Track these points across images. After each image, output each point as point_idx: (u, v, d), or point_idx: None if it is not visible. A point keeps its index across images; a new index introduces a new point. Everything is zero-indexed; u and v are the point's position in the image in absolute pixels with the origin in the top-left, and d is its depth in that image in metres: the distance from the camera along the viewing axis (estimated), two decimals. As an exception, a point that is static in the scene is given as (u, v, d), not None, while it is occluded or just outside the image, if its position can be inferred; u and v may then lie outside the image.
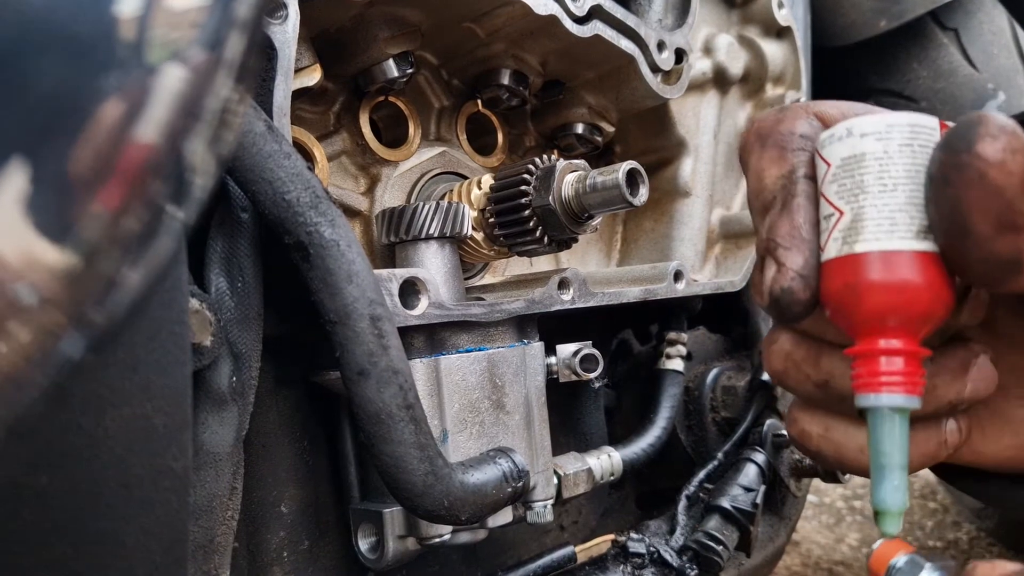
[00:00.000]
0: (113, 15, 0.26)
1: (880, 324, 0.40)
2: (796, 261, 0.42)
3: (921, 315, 0.39)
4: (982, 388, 0.46)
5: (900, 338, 0.39)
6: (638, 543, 0.93)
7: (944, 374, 0.46)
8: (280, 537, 0.75)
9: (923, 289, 0.39)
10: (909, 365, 0.40)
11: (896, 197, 0.39)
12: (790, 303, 0.42)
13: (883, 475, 0.40)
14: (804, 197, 0.42)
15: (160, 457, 0.46)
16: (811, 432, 0.49)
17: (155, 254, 0.30)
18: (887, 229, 0.39)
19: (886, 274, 0.39)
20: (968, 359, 0.46)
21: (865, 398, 0.40)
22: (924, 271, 0.39)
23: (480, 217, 0.84)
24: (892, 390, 0.39)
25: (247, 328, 0.63)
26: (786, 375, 0.48)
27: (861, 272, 0.39)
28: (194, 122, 0.30)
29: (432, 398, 0.73)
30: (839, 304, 0.41)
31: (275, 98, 0.65)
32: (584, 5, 0.88)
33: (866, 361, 0.40)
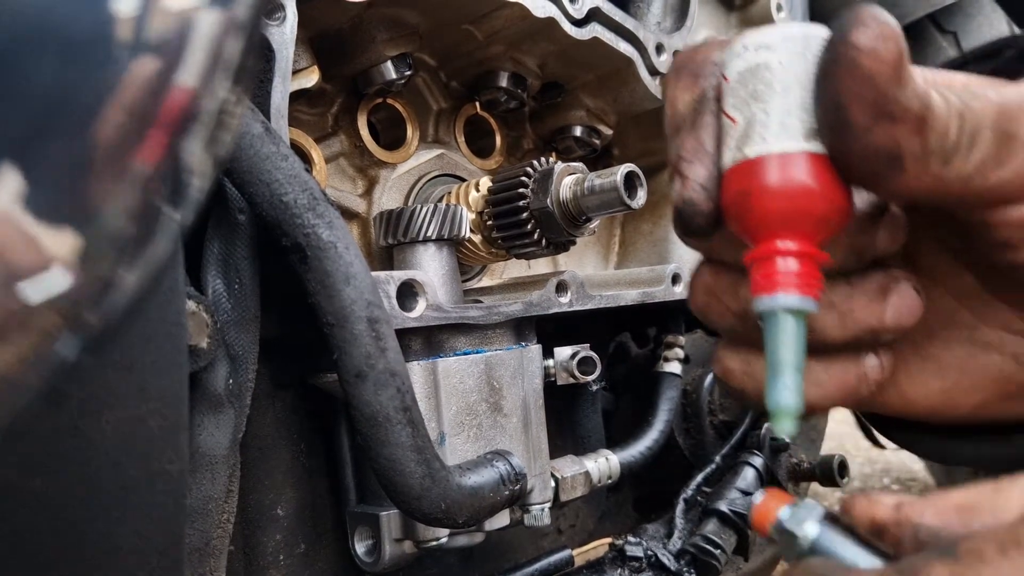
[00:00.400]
0: (111, 14, 0.26)
1: (773, 227, 0.39)
2: (699, 173, 0.42)
3: (812, 215, 0.39)
4: (904, 315, 0.45)
5: (795, 240, 0.39)
6: (636, 547, 0.93)
7: (861, 297, 0.44)
8: (276, 540, 0.75)
9: (812, 189, 0.38)
10: (804, 266, 0.39)
11: (787, 101, 0.39)
12: (692, 214, 0.42)
13: (776, 375, 0.39)
14: (711, 115, 0.42)
15: (156, 459, 0.46)
16: (733, 369, 0.48)
17: (152, 256, 0.30)
18: (775, 132, 0.39)
19: (773, 175, 0.39)
20: (887, 283, 0.45)
21: (760, 301, 0.40)
22: (813, 171, 0.39)
23: (478, 219, 0.83)
24: (787, 290, 0.39)
25: (244, 330, 0.63)
26: (708, 309, 0.48)
27: (750, 176, 0.39)
28: (192, 123, 0.29)
29: (430, 400, 0.72)
30: (734, 212, 0.41)
31: (273, 99, 0.65)
32: (583, 7, 0.88)
33: (761, 265, 0.40)
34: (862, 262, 0.45)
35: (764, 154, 0.39)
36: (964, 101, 0.37)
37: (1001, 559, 0.28)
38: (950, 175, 0.38)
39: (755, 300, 0.40)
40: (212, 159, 0.31)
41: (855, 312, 0.44)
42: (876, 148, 0.37)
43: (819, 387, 0.46)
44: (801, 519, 0.38)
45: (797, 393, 0.39)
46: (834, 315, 0.44)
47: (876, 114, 0.36)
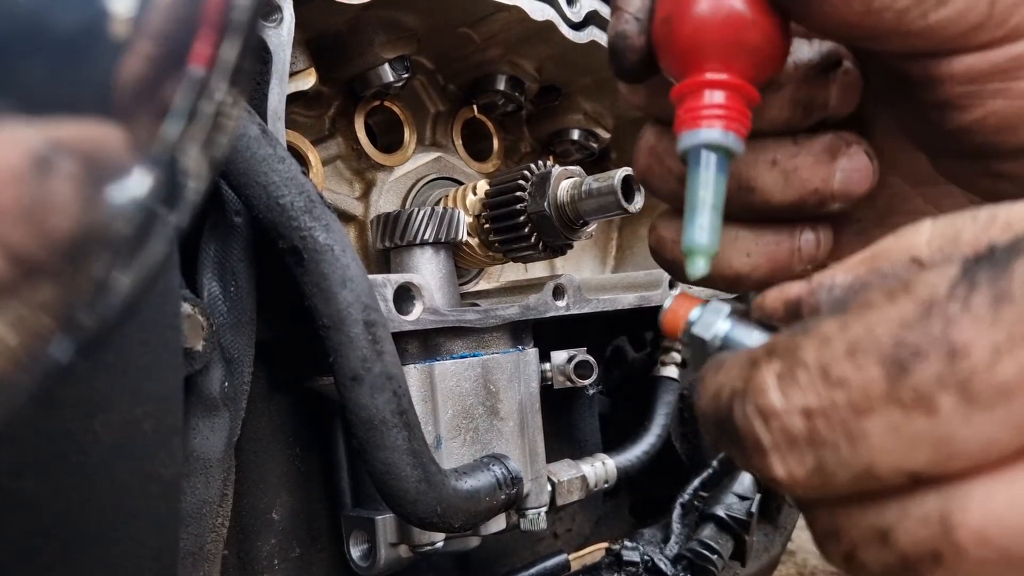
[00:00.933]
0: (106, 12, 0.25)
1: (697, 57, 0.36)
2: (634, 3, 0.39)
3: (739, 43, 0.36)
4: (854, 180, 0.42)
5: (722, 71, 0.36)
6: (632, 551, 0.93)
7: (807, 156, 0.41)
8: (271, 544, 0.75)
9: (737, 12, 0.35)
10: (730, 100, 0.36)
11: None
12: (625, 48, 0.39)
13: (693, 215, 0.37)
14: None
15: (149, 463, 0.45)
16: (666, 237, 0.45)
17: (147, 258, 0.30)
18: None
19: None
20: (837, 145, 0.42)
21: (682, 137, 0.37)
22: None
23: (475, 223, 0.83)
24: (710, 124, 0.36)
25: (240, 333, 0.63)
26: (650, 172, 0.44)
27: (674, 1, 0.37)
28: (188, 125, 0.29)
29: (426, 404, 0.72)
30: (659, 43, 0.38)
31: (270, 102, 0.65)
32: (580, 11, 0.88)
33: (686, 99, 0.37)
34: (810, 119, 0.42)
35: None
36: None
37: (889, 304, 0.27)
38: (883, 7, 0.34)
39: (678, 138, 0.37)
40: (208, 161, 0.31)
41: (800, 171, 0.42)
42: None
43: (748, 257, 0.44)
44: (710, 319, 0.36)
45: (712, 232, 0.37)
46: (777, 174, 0.42)
47: None
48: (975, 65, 0.36)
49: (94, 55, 0.25)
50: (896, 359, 0.26)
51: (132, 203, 0.26)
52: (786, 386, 0.29)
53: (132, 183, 0.26)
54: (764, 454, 0.29)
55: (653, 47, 0.39)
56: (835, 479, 0.28)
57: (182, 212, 0.31)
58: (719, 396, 0.31)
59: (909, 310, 0.27)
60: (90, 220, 0.25)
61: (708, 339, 0.36)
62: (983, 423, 0.25)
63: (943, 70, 0.37)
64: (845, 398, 0.27)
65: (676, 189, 0.43)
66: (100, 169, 0.25)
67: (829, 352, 0.28)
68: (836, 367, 0.28)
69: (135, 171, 0.26)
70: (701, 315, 0.37)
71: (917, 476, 0.27)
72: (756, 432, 0.29)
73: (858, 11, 0.35)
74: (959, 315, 0.26)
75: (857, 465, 0.27)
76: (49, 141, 0.24)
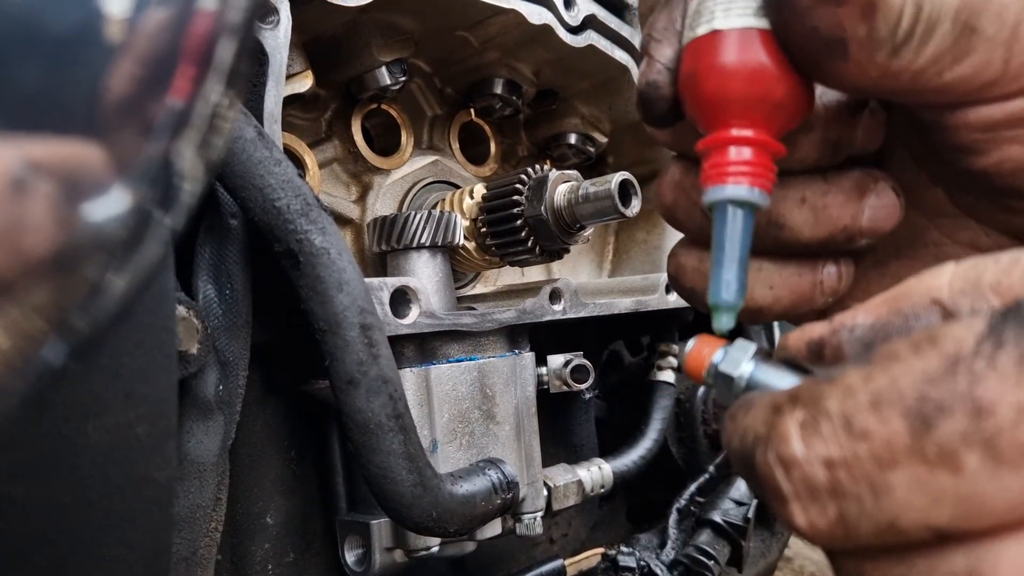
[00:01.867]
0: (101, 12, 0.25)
1: (721, 112, 0.36)
2: (665, 54, 0.39)
3: (762, 99, 0.36)
4: (882, 217, 0.42)
5: (748, 127, 0.36)
6: (628, 557, 0.93)
7: (837, 194, 0.42)
8: (265, 549, 0.74)
9: (760, 69, 0.35)
10: (756, 156, 0.36)
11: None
12: (655, 98, 0.39)
13: (720, 269, 0.37)
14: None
15: (143, 467, 0.45)
16: (686, 265, 0.46)
17: (141, 260, 0.30)
18: (724, 8, 0.36)
19: (716, 54, 0.36)
20: (866, 183, 0.42)
21: (708, 192, 0.37)
22: (760, 50, 0.35)
23: (472, 227, 0.83)
24: (736, 180, 0.36)
25: (235, 336, 0.63)
26: (676, 207, 0.45)
27: (697, 56, 0.37)
28: (184, 127, 0.29)
29: (422, 408, 0.72)
30: (685, 97, 0.38)
31: (266, 104, 0.64)
32: (578, 15, 0.88)
33: (711, 153, 0.37)
34: (838, 158, 0.42)
35: (710, 31, 0.36)
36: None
37: (914, 357, 0.27)
38: (900, 67, 0.35)
39: (704, 192, 0.38)
40: (204, 163, 0.31)
41: (829, 210, 0.42)
42: (818, 31, 0.34)
43: (771, 289, 0.44)
44: (735, 360, 0.36)
45: (739, 288, 0.38)
46: (807, 211, 0.42)
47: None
48: (991, 115, 0.36)
49: (72, 73, 0.24)
50: (920, 413, 0.26)
51: (110, 221, 0.26)
52: (808, 435, 0.28)
53: (110, 202, 0.26)
54: (785, 502, 0.29)
55: (679, 97, 0.39)
56: (858, 531, 0.28)
57: (177, 214, 0.31)
58: (744, 440, 0.31)
59: (934, 364, 0.27)
60: (66, 240, 0.25)
61: (734, 379, 0.36)
62: (1010, 482, 0.25)
63: (959, 119, 0.37)
64: (868, 450, 0.27)
65: (702, 224, 0.44)
66: (77, 188, 0.25)
67: (853, 403, 0.28)
68: (859, 419, 0.27)
69: (114, 189, 0.26)
70: (726, 355, 0.37)
71: (942, 532, 0.26)
72: (777, 480, 0.29)
73: (875, 75, 0.35)
74: (985, 372, 0.26)
75: (881, 519, 0.27)
76: (25, 161, 0.23)
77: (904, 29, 0.34)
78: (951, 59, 0.34)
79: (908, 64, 0.34)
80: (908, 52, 0.34)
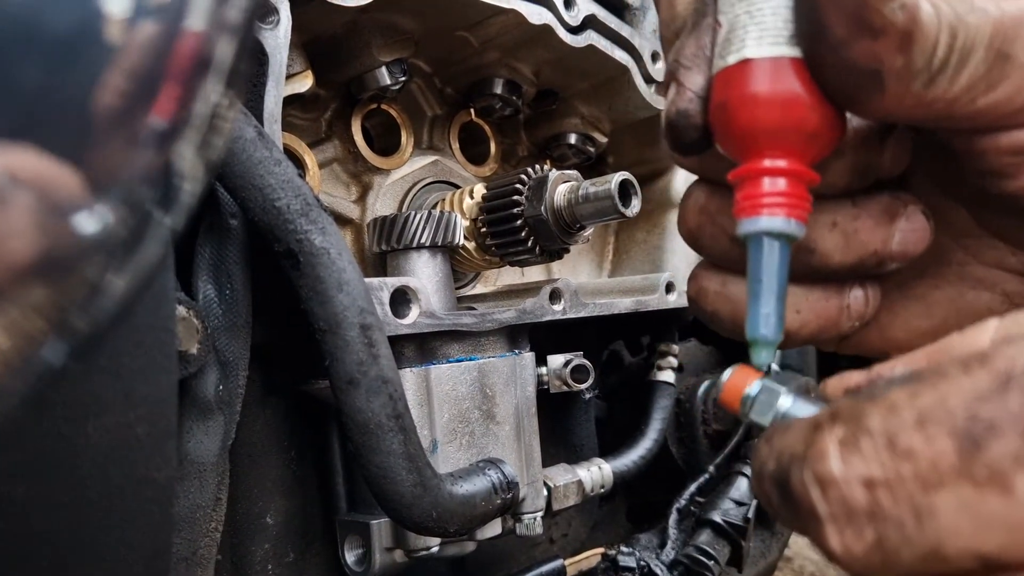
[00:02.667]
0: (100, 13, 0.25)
1: (753, 143, 0.36)
2: (696, 81, 0.38)
3: (795, 129, 0.35)
4: (913, 241, 0.42)
5: (782, 157, 0.36)
6: (628, 557, 0.93)
7: (867, 219, 0.41)
8: (265, 549, 0.74)
9: (794, 99, 0.35)
10: (791, 187, 0.36)
11: (769, 1, 0.35)
12: (685, 126, 0.38)
13: (757, 302, 0.37)
14: (713, 17, 0.39)
15: (143, 467, 0.45)
16: (708, 288, 0.45)
17: (141, 260, 0.30)
18: (756, 36, 0.35)
19: (747, 83, 0.35)
20: (896, 207, 0.42)
21: (743, 224, 0.37)
22: (793, 79, 0.35)
23: (472, 227, 0.83)
24: (772, 212, 0.36)
25: (235, 336, 0.63)
26: (701, 231, 0.44)
27: (728, 85, 0.36)
28: (184, 127, 0.29)
29: (422, 408, 0.72)
30: (715, 126, 0.37)
31: (266, 104, 0.64)
32: (578, 15, 0.88)
33: (747, 184, 0.37)
34: (866, 182, 0.42)
35: (741, 60, 0.36)
36: (958, 14, 0.33)
37: (963, 376, 0.26)
38: (934, 96, 0.35)
39: (738, 224, 0.37)
40: (204, 163, 0.31)
41: (860, 234, 0.41)
42: (854, 64, 0.33)
43: (798, 313, 0.43)
44: (772, 393, 0.36)
45: (778, 323, 0.37)
46: (838, 236, 0.41)
47: (856, 26, 0.33)
48: (1021, 140, 0.36)
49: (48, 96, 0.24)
50: (969, 433, 0.25)
51: (88, 237, 0.26)
52: (848, 453, 0.27)
53: (92, 217, 0.26)
54: (820, 524, 0.28)
55: (709, 126, 0.39)
56: (897, 558, 0.26)
57: (177, 214, 0.31)
58: (781, 459, 0.30)
59: (985, 382, 0.26)
60: (51, 246, 0.25)
61: (771, 413, 0.36)
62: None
63: (988, 144, 0.37)
64: (912, 471, 0.26)
65: (728, 249, 0.43)
66: (56, 206, 0.25)
67: (897, 421, 0.27)
68: (904, 437, 0.26)
69: (96, 206, 0.26)
70: (762, 388, 0.37)
71: (990, 561, 0.25)
72: (812, 500, 0.28)
73: (910, 104, 0.35)
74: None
75: (923, 544, 0.26)
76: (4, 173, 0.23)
77: (940, 58, 0.33)
78: (985, 86, 0.34)
79: (943, 93, 0.34)
80: (943, 81, 0.34)
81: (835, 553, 0.28)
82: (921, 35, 0.33)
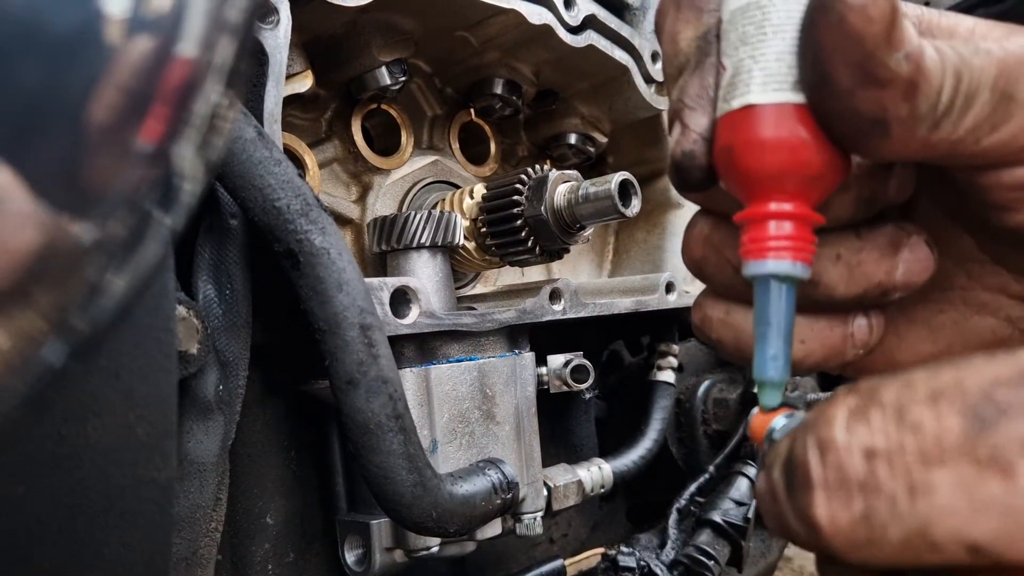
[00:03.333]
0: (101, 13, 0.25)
1: (758, 186, 0.36)
2: (700, 122, 0.38)
3: (801, 174, 0.36)
4: (916, 271, 0.42)
5: (787, 200, 0.36)
6: (628, 557, 0.93)
7: (871, 250, 0.42)
8: (265, 549, 0.74)
9: (797, 144, 0.35)
10: (796, 230, 0.36)
11: (774, 46, 0.36)
12: (690, 167, 0.39)
13: (765, 344, 0.38)
14: (717, 58, 0.39)
15: (143, 467, 0.45)
16: (712, 317, 0.45)
17: (141, 260, 0.30)
18: (760, 81, 0.36)
19: (752, 129, 0.36)
20: (900, 238, 0.42)
21: (749, 266, 0.37)
22: (798, 125, 0.35)
23: (472, 227, 0.83)
24: (779, 255, 0.36)
25: (235, 336, 0.63)
26: (705, 262, 0.45)
27: (732, 129, 0.37)
28: (184, 127, 0.29)
29: (422, 408, 0.72)
30: (720, 169, 0.38)
31: (266, 104, 0.64)
32: (578, 15, 0.88)
33: (752, 227, 0.37)
34: (871, 213, 0.42)
35: (745, 105, 0.36)
36: (963, 57, 0.34)
37: (985, 363, 0.26)
38: (939, 139, 0.35)
39: (744, 265, 0.38)
40: (204, 163, 0.31)
41: (864, 266, 0.42)
42: (859, 112, 0.34)
43: (803, 343, 0.44)
44: (795, 420, 0.37)
45: (785, 364, 0.38)
46: (842, 268, 0.42)
47: (861, 78, 0.33)
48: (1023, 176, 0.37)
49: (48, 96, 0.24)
50: (980, 413, 0.25)
51: (88, 238, 0.26)
52: (855, 422, 0.27)
53: (90, 218, 0.26)
54: (810, 490, 0.27)
55: (714, 167, 0.39)
56: (883, 535, 0.26)
57: (177, 214, 0.31)
58: (793, 434, 0.30)
59: (1006, 370, 0.26)
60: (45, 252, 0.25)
61: None
62: None
63: (991, 180, 0.37)
64: (915, 444, 0.26)
65: (732, 280, 0.44)
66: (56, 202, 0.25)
67: (909, 394, 0.27)
68: (914, 410, 0.26)
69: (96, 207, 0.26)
70: (786, 424, 0.37)
71: (980, 549, 0.25)
72: (809, 463, 0.28)
73: (915, 148, 0.35)
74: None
75: (912, 522, 0.25)
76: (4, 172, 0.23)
77: (944, 103, 0.34)
78: (990, 127, 0.35)
79: (948, 135, 0.35)
80: (948, 124, 0.34)
81: (820, 524, 0.27)
82: (926, 83, 0.33)
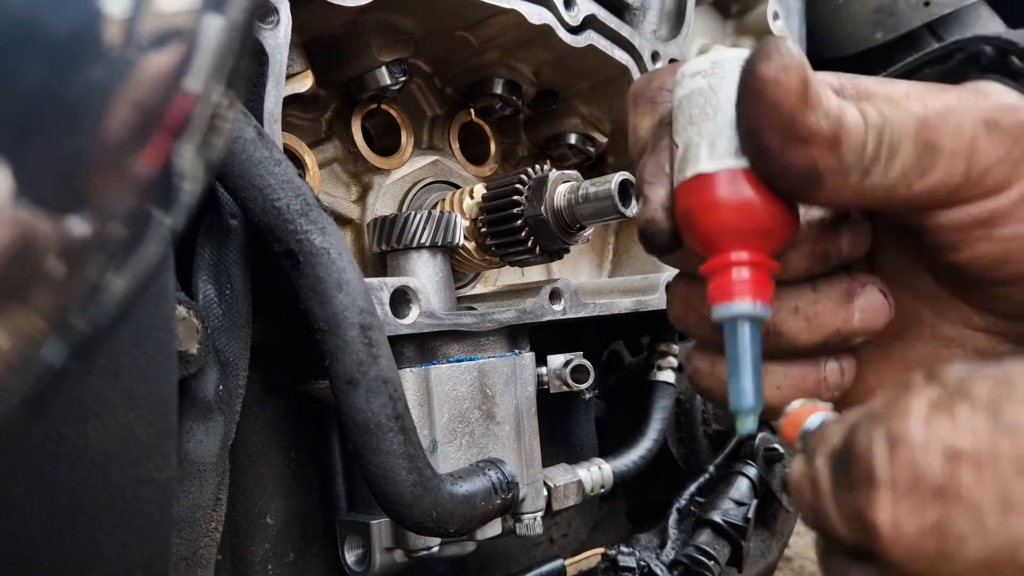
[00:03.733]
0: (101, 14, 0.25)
1: (716, 241, 0.42)
2: (659, 194, 0.43)
3: (749, 227, 0.41)
4: (871, 318, 0.46)
5: (744, 250, 0.41)
6: (628, 557, 0.93)
7: (827, 302, 0.45)
8: (265, 549, 0.74)
9: (746, 204, 0.41)
10: (755, 275, 0.41)
11: (716, 123, 0.41)
12: (655, 232, 0.44)
13: (736, 377, 0.42)
14: (670, 139, 0.45)
15: (143, 467, 0.45)
16: (701, 369, 0.49)
17: (141, 260, 0.30)
18: (707, 152, 0.41)
19: (704, 193, 0.41)
20: (853, 287, 0.46)
21: (716, 310, 0.42)
22: (744, 186, 0.41)
23: (472, 227, 0.83)
24: (741, 298, 0.41)
25: (235, 336, 0.62)
26: (685, 319, 0.49)
27: (689, 195, 0.42)
28: (184, 127, 0.29)
29: (422, 408, 0.72)
30: (683, 230, 0.44)
31: (266, 104, 0.64)
32: (578, 15, 0.88)
33: (716, 276, 0.42)
34: (828, 266, 0.46)
35: (697, 174, 0.41)
36: (884, 114, 0.38)
37: (983, 374, 0.26)
38: (871, 186, 0.39)
39: (712, 310, 0.42)
40: (204, 163, 0.31)
41: (821, 316, 0.45)
42: (793, 167, 0.38)
43: (778, 389, 0.47)
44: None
45: (755, 393, 0.42)
46: (800, 320, 0.45)
47: (787, 137, 0.37)
48: (959, 218, 0.40)
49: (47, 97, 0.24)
50: None
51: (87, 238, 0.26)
52: (937, 416, 0.24)
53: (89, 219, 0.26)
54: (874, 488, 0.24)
55: (678, 230, 0.44)
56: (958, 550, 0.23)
57: (177, 215, 0.31)
58: (852, 424, 0.28)
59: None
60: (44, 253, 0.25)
61: None
62: None
63: (932, 221, 0.41)
64: (1013, 450, 0.22)
65: (711, 333, 0.47)
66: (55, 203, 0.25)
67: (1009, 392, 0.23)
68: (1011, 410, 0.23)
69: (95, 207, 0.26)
70: (817, 424, 0.39)
71: None
72: (874, 459, 0.25)
73: (851, 195, 0.39)
74: None
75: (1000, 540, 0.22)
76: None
77: (870, 154, 0.38)
78: (918, 173, 0.38)
79: (879, 182, 0.38)
80: (878, 172, 0.38)
81: (879, 527, 0.24)
82: (848, 137, 0.37)
